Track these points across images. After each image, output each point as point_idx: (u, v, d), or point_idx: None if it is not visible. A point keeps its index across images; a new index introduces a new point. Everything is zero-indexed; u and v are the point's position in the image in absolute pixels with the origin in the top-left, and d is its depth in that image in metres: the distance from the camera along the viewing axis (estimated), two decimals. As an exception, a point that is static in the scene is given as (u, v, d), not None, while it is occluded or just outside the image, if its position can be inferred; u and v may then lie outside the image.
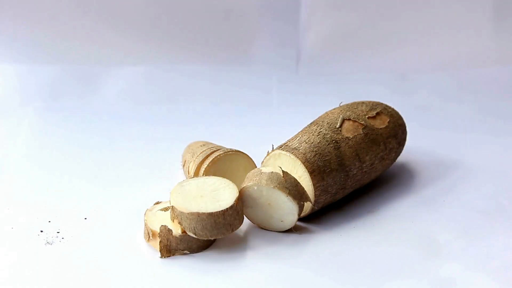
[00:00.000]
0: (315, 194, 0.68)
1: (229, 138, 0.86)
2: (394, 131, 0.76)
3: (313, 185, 0.68)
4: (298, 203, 0.67)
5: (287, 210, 0.67)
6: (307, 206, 0.69)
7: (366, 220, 0.72)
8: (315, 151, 0.70)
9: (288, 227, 0.69)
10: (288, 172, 0.68)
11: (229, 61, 1.08)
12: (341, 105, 0.79)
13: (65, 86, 1.04)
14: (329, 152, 0.70)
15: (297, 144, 0.71)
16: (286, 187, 0.67)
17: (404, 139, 0.79)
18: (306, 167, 0.68)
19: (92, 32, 1.07)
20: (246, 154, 0.74)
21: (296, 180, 0.68)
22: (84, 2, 1.05)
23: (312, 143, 0.71)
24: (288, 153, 0.69)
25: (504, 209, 0.74)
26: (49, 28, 1.06)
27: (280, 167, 0.68)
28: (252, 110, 0.99)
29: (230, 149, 0.74)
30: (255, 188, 0.67)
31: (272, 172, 0.67)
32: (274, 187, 0.66)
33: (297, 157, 0.69)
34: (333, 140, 0.71)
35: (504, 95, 1.03)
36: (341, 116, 0.74)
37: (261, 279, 0.63)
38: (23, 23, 1.05)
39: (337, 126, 0.73)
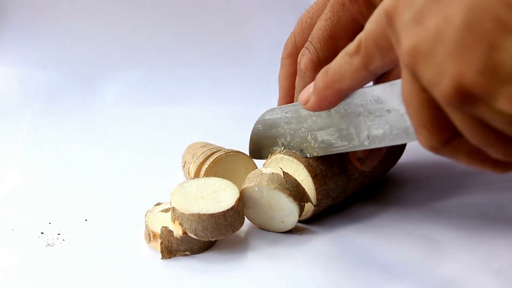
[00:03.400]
0: (317, 199, 0.68)
1: (229, 139, 0.86)
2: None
3: (315, 189, 0.68)
4: (298, 204, 0.67)
5: (287, 211, 0.67)
6: (308, 209, 0.69)
7: (366, 221, 0.72)
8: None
9: (288, 228, 0.69)
10: (290, 176, 0.68)
11: (229, 62, 1.08)
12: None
13: (64, 89, 1.04)
14: (331, 156, 0.70)
15: (299, 147, 0.71)
16: (286, 188, 0.67)
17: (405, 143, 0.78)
18: (309, 171, 0.68)
19: (91, 34, 1.07)
20: (246, 155, 0.74)
21: (297, 181, 0.67)
22: (84, 5, 1.05)
23: (314, 146, 0.70)
24: (290, 157, 0.69)
25: (504, 209, 0.73)
26: (48, 31, 1.06)
27: (281, 168, 0.68)
28: (252, 111, 0.99)
29: (231, 150, 0.74)
30: (256, 189, 0.67)
31: (272, 173, 0.67)
32: (274, 188, 0.66)
33: (300, 161, 0.68)
34: (334, 143, 0.71)
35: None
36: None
37: (262, 280, 0.63)
38: (23, 26, 1.05)
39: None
